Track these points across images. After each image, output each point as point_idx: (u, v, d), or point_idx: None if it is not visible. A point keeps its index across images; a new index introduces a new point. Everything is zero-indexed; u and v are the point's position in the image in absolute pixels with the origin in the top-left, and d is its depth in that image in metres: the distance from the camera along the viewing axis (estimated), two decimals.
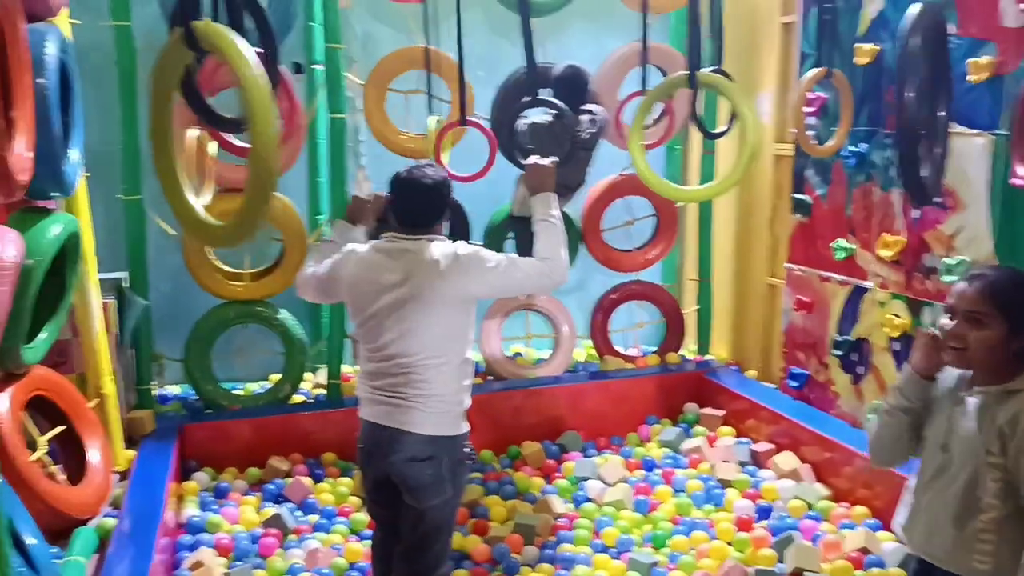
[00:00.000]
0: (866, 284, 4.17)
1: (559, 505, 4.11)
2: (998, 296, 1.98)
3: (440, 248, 2.76)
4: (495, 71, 4.76)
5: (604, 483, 4.31)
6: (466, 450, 2.84)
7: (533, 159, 3.04)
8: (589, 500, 4.19)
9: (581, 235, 5.22)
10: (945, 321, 2.07)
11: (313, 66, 4.74)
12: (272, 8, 4.33)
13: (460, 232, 4.82)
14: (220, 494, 4.12)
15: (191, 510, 3.93)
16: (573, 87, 4.45)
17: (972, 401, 2.06)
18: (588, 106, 4.45)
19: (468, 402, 2.86)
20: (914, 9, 3.23)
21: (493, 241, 4.97)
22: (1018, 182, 3.29)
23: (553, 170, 2.98)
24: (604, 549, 3.80)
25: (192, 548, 3.62)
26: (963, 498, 2.03)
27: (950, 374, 2.16)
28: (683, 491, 4.21)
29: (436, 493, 2.73)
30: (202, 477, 4.22)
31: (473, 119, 4.40)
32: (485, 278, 2.74)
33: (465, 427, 2.84)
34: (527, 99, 4.18)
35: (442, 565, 2.87)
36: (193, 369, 4.62)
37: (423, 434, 2.71)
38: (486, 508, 4.08)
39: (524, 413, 4.83)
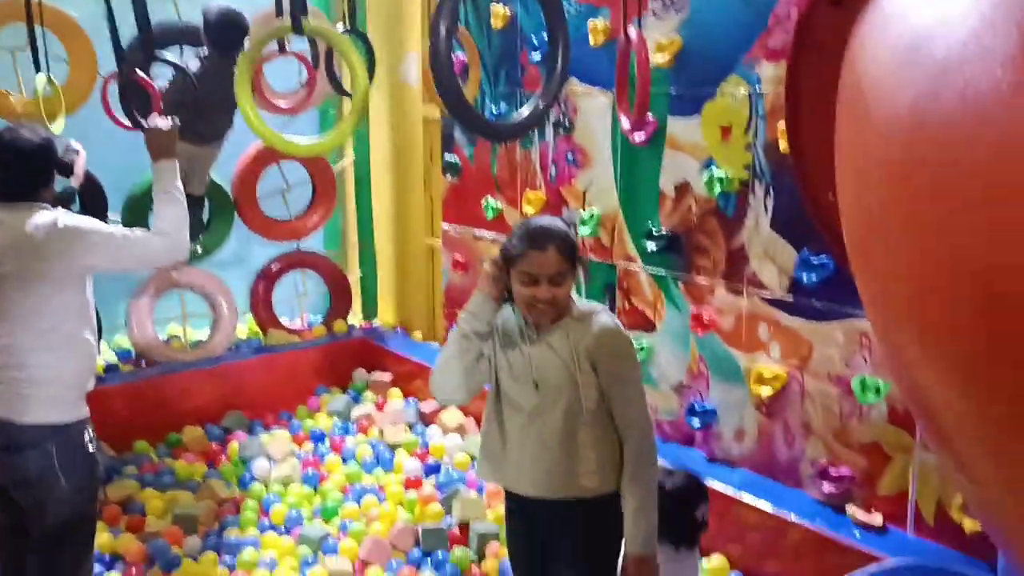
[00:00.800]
0: None
1: (223, 489, 3.91)
2: (569, 252, 2.10)
3: (40, 219, 2.45)
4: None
5: (271, 460, 4.16)
6: (87, 438, 2.57)
7: (153, 121, 2.79)
8: (256, 480, 4.03)
9: (235, 204, 4.96)
10: (524, 290, 2.08)
11: None
12: None
13: (96, 205, 4.37)
14: None
15: None
16: (229, 31, 4.18)
17: (552, 337, 2.14)
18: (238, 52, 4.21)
19: (89, 386, 2.59)
20: None
21: (134, 214, 4.57)
22: (625, 132, 3.58)
23: (174, 133, 2.76)
24: (272, 527, 3.68)
25: None
26: (564, 426, 2.13)
27: (508, 315, 2.21)
28: (353, 459, 4.18)
29: (48, 487, 2.45)
30: None
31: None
32: (92, 253, 2.48)
33: (82, 413, 2.56)
34: (145, 57, 3.83)
35: (80, 570, 2.60)
36: None
37: (27, 423, 2.43)
38: (142, 503, 3.78)
39: (184, 398, 4.54)
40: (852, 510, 2.96)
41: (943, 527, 2.77)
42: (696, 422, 3.47)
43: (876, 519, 2.90)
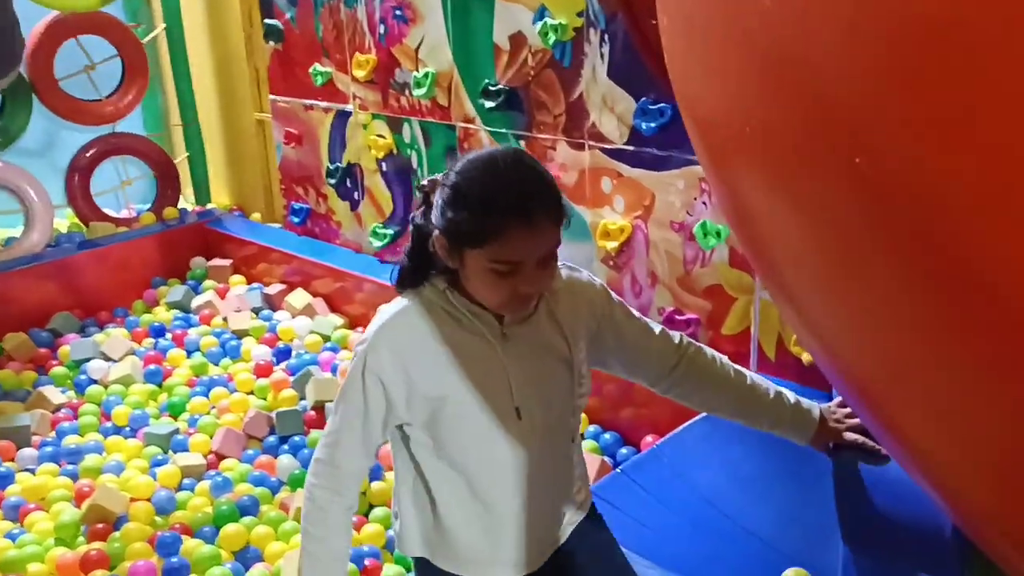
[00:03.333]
0: (347, 108, 4.12)
1: (57, 396, 3.67)
2: (561, 212, 1.37)
3: None
4: None
5: (109, 360, 3.92)
6: None
7: None
8: (94, 382, 3.79)
9: (32, 88, 4.48)
10: (498, 283, 1.34)
11: None
12: None
13: None
14: None
15: None
16: None
17: (532, 326, 1.46)
18: None
19: None
20: None
21: None
22: None
23: None
24: (117, 431, 3.49)
25: None
26: (567, 444, 1.56)
27: (435, 321, 1.42)
28: (198, 351, 3.99)
29: None
30: None
31: None
32: None
33: None
34: None
35: None
36: None
37: None
38: None
39: (2, 303, 4.17)
40: None
41: (783, 361, 2.87)
42: None
43: None
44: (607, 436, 3.12)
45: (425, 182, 1.42)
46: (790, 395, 1.59)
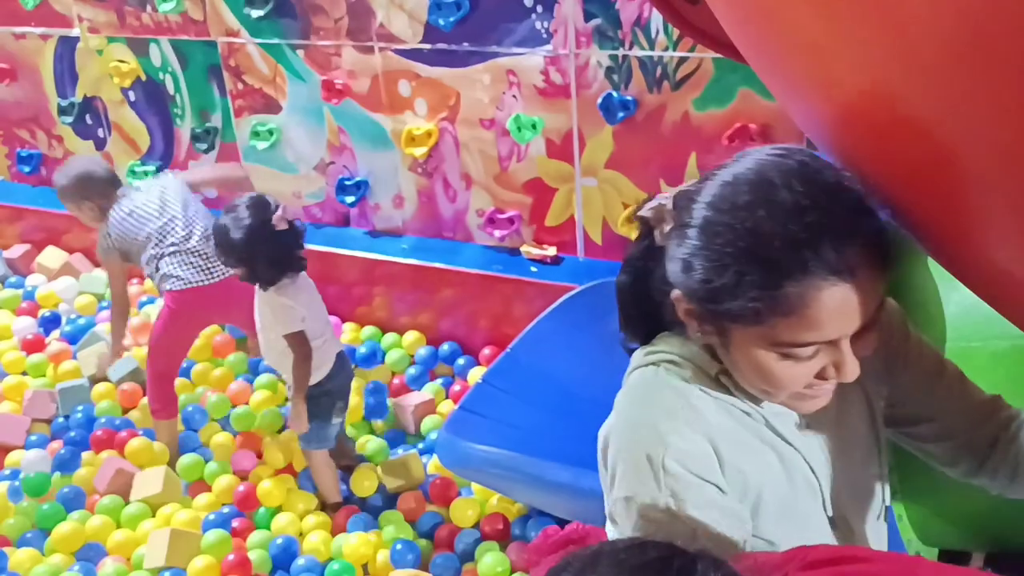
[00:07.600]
0: (72, 32, 3.56)
1: None
2: (889, 254, 0.89)
3: None
4: None
5: None
6: None
7: None
8: None
9: None
10: (790, 371, 0.91)
11: None
12: None
13: None
14: None
15: None
16: None
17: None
18: None
19: None
20: None
21: None
22: None
23: None
24: None
25: None
26: (882, 527, 1.14)
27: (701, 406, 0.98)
28: None
29: None
30: None
31: None
32: None
33: None
34: None
35: None
36: None
37: None
38: None
39: None
40: (525, 248, 3.01)
41: (611, 244, 2.92)
42: (349, 198, 3.24)
43: (549, 251, 2.98)
44: (445, 347, 3.08)
45: (646, 210, 0.98)
46: None
